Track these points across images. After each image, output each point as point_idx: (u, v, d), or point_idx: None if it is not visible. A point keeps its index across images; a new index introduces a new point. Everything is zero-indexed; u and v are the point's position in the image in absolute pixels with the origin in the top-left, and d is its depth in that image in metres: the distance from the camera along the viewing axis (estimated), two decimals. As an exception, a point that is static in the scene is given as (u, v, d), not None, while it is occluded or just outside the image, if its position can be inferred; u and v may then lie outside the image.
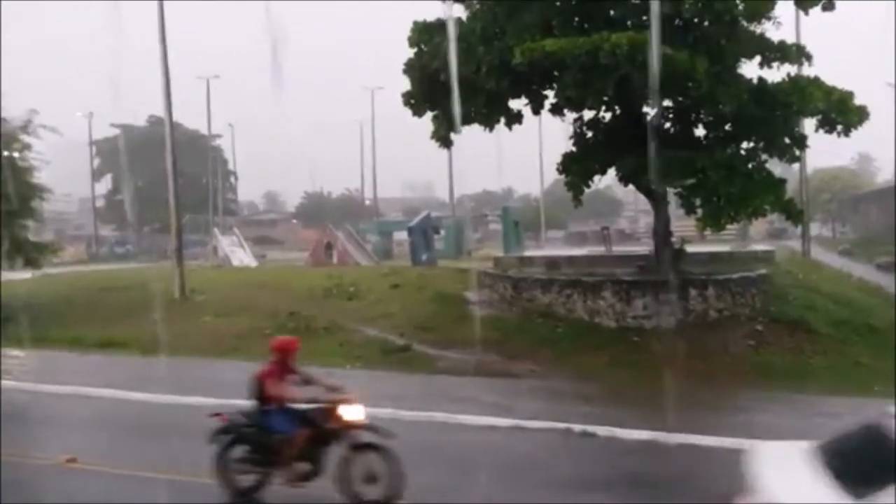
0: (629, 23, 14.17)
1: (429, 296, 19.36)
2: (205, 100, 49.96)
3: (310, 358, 14.36)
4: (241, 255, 39.18)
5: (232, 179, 68.11)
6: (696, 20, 14.82)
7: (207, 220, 49.02)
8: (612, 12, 15.15)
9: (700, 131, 16.58)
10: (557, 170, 17.53)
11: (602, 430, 10.21)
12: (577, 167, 16.54)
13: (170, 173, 22.28)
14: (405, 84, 16.27)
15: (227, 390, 12.22)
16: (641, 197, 19.61)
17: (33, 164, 21.13)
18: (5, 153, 20.17)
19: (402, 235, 38.94)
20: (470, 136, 17.12)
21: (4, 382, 13.69)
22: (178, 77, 22.86)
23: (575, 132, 17.38)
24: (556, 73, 14.81)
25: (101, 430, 11.11)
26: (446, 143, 16.83)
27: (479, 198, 78.16)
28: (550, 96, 16.36)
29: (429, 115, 16.45)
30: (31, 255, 21.17)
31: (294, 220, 74.88)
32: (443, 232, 38.01)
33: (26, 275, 23.23)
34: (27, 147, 20.77)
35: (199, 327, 17.49)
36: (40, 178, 21.50)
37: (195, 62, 50.68)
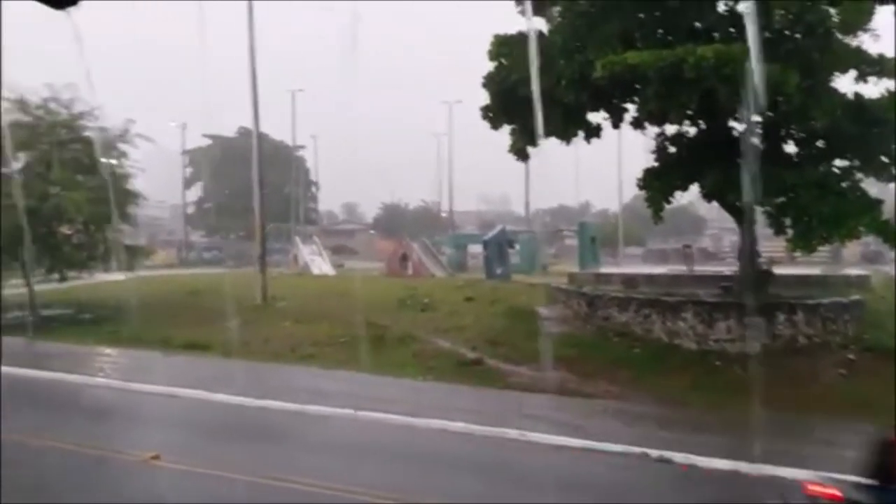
0: (715, 35, 13.77)
1: (502, 310, 19.28)
2: (290, 112, 51.77)
3: (383, 369, 14.65)
4: (320, 264, 40.18)
5: (313, 189, 69.99)
6: (787, 32, 14.23)
7: (289, 229, 50.56)
8: (696, 24, 14.76)
9: (791, 148, 15.88)
10: (637, 185, 17.15)
11: (679, 457, 9.85)
12: (659, 182, 16.13)
13: (255, 183, 23.14)
14: (484, 98, 16.35)
15: (302, 395, 12.57)
16: (726, 215, 18.91)
17: (130, 171, 22.37)
18: (104, 161, 21.45)
19: (476, 248, 39.02)
20: (547, 150, 17.02)
21: (97, 379, 14.49)
22: (265, 90, 23.80)
23: (656, 146, 16.98)
24: (637, 87, 14.53)
25: (183, 428, 11.57)
26: (523, 156, 16.78)
27: (555, 212, 77.37)
28: (631, 110, 16.08)
29: (506, 128, 16.45)
30: (126, 258, 22.33)
31: (371, 231, 76.19)
32: (518, 246, 37.83)
33: (121, 276, 24.55)
34: (124, 155, 21.98)
35: (279, 332, 17.99)
36: (136, 184, 22.76)
37: (282, 76, 52.63)
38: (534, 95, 13.33)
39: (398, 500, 7.97)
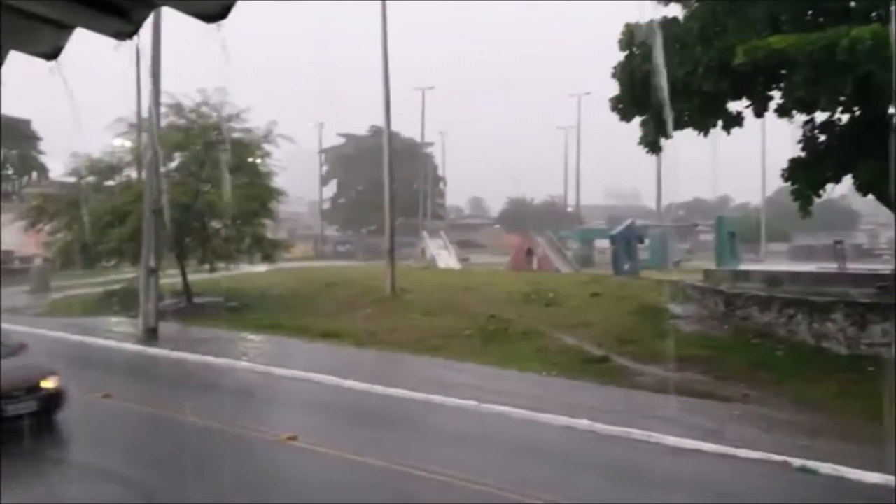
0: (873, 15, 12.59)
1: (630, 307, 18.73)
2: (419, 110, 52.94)
3: (508, 363, 14.68)
4: (446, 258, 40.86)
5: (441, 185, 71.31)
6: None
7: (418, 224, 51.80)
8: (851, 4, 13.57)
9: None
10: (783, 177, 16.07)
11: (825, 468, 9.12)
12: (807, 174, 15.04)
13: (386, 180, 23.89)
14: (613, 89, 15.92)
15: (428, 385, 12.86)
16: (883, 209, 17.26)
17: (272, 169, 23.82)
18: (249, 160, 22.97)
19: (604, 244, 38.12)
20: (681, 142, 16.32)
21: (241, 363, 15.58)
22: (397, 89, 24.47)
23: (804, 136, 15.80)
24: (783, 73, 13.60)
25: (318, 412, 12.20)
26: (655, 148, 16.17)
27: (689, 206, 73.99)
28: (776, 97, 15.05)
29: (637, 120, 15.93)
30: (268, 251, 23.83)
31: (497, 225, 76.47)
32: (648, 241, 36.54)
33: (263, 268, 26.19)
34: (267, 154, 23.43)
35: (407, 324, 18.49)
36: (277, 182, 24.19)
37: (413, 74, 53.87)
38: (667, 85, 12.85)
39: (528, 495, 7.97)
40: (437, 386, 12.85)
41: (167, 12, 1.76)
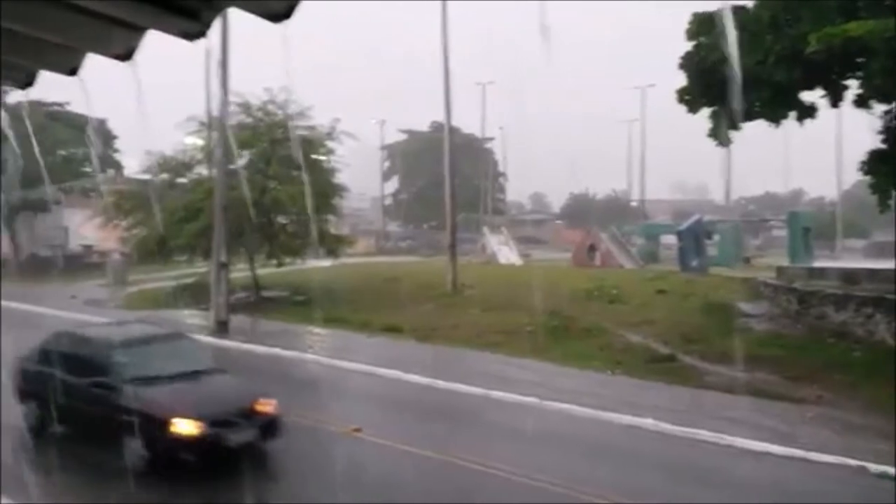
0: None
1: (698, 304, 18.23)
2: (480, 105, 52.85)
3: (569, 360, 14.52)
4: (507, 254, 40.68)
5: (501, 180, 71.02)
6: None
7: (478, 219, 51.78)
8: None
9: None
10: (861, 170, 15.34)
11: (907, 475, 8.68)
12: (887, 167, 14.30)
13: (447, 175, 23.97)
14: (680, 80, 15.52)
15: (489, 381, 12.85)
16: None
17: (336, 166, 24.22)
18: (315, 157, 23.41)
19: (670, 239, 37.18)
20: (752, 134, 15.78)
21: (307, 355, 15.92)
22: (458, 84, 24.51)
23: (885, 126, 15.03)
24: (860, 61, 12.97)
25: (380, 405, 12.36)
26: (724, 140, 15.72)
27: (760, 201, 71.44)
28: (852, 86, 14.37)
29: (705, 111, 15.49)
30: (332, 246, 24.26)
31: (558, 221, 75.68)
32: (716, 237, 35.45)
33: (327, 263, 26.69)
34: (331, 151, 23.82)
35: (467, 319, 18.51)
36: (341, 178, 24.59)
37: (473, 69, 53.81)
38: (737, 75, 12.44)
39: (589, 493, 7.88)
40: (498, 382, 12.83)
41: (234, 12, 1.80)
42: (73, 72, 2.08)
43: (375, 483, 8.47)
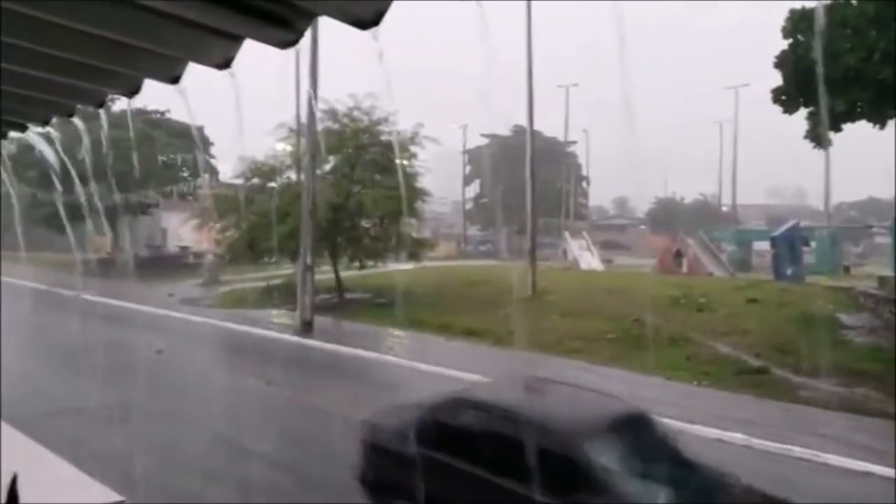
0: None
1: (793, 315, 17.36)
2: (563, 108, 52.31)
3: (653, 369, 14.12)
4: (588, 259, 40.05)
5: (584, 184, 70.02)
6: None
7: (559, 224, 51.22)
8: None
9: None
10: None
11: None
12: None
13: (528, 180, 23.84)
14: (775, 79, 14.86)
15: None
16: None
17: (418, 170, 24.53)
18: (398, 161, 23.79)
19: (763, 246, 35.63)
20: (853, 136, 14.90)
21: (387, 357, 16.17)
22: (539, 86, 24.33)
23: None
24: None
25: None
26: (823, 142, 14.95)
27: (862, 206, 67.43)
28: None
29: (802, 112, 14.77)
30: (413, 249, 24.57)
31: (643, 226, 73.83)
32: (813, 244, 33.71)
33: (408, 266, 27.04)
34: (414, 156, 24.14)
35: (547, 325, 18.32)
36: (423, 182, 24.87)
37: (556, 71, 53.31)
38: (838, 73, 11.82)
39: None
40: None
41: (322, 19, 1.86)
42: (175, 80, 2.20)
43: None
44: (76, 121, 2.90)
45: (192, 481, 8.43)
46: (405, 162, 24.05)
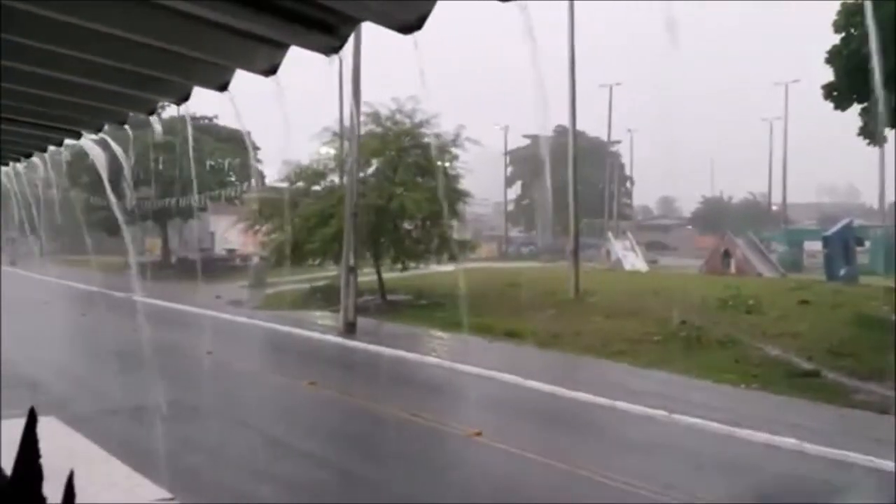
0: None
1: (847, 316, 16.82)
2: (606, 107, 51.73)
3: (701, 372, 13.86)
4: (632, 260, 39.50)
5: (628, 184, 69.14)
6: None
7: (603, 225, 50.65)
8: None
9: None
10: None
11: None
12: None
13: (570, 180, 23.62)
14: (826, 75, 14.45)
15: (613, 391, 12.50)
16: None
17: (460, 172, 24.54)
18: (439, 164, 23.85)
19: (814, 246, 34.66)
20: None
21: (429, 358, 16.22)
22: (582, 86, 24.08)
23: None
24: None
25: (501, 410, 12.35)
26: (879, 139, 14.47)
27: (920, 204, 64.91)
28: None
29: (855, 108, 14.33)
30: (455, 251, 24.57)
31: (689, 226, 72.48)
32: (868, 243, 32.64)
33: (450, 268, 27.10)
34: (455, 158, 24.17)
35: (590, 327, 18.13)
36: (464, 184, 24.87)
37: (599, 71, 52.72)
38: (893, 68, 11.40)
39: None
40: (622, 392, 12.46)
41: (365, 25, 1.88)
42: (223, 87, 2.25)
43: (495, 487, 8.46)
44: (127, 128, 2.99)
45: (237, 476, 8.58)
46: (447, 164, 24.10)
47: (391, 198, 22.47)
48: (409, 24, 1.76)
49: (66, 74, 2.33)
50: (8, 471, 1.95)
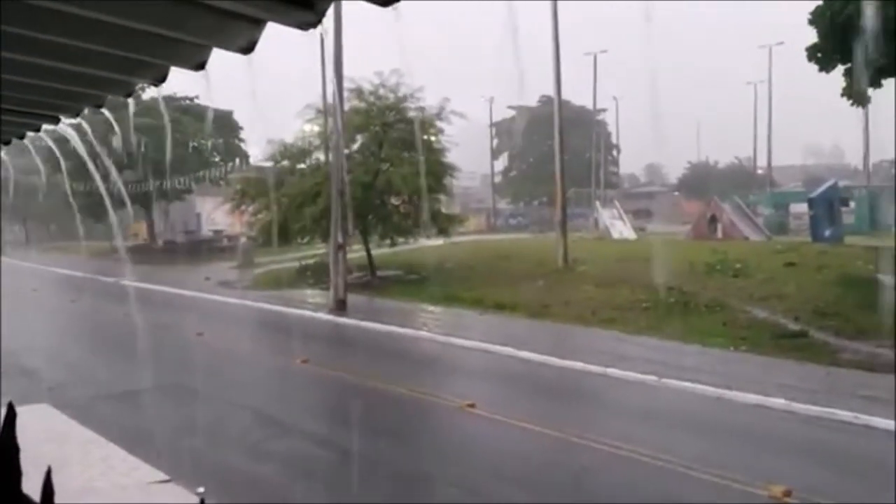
0: None
1: (832, 277, 17.02)
2: (591, 76, 51.44)
3: (689, 337, 14.02)
4: (620, 228, 39.65)
5: (614, 153, 69.04)
6: None
7: (590, 194, 50.70)
8: None
9: None
10: None
11: None
12: None
13: (557, 150, 23.59)
14: (811, 37, 14.42)
15: (604, 358, 12.64)
16: None
17: (445, 146, 24.39)
18: (425, 137, 23.68)
19: (800, 208, 34.92)
20: (893, 91, 14.41)
21: (421, 332, 16.29)
22: (566, 55, 23.93)
23: None
24: None
25: (494, 381, 12.48)
26: (862, 99, 14.52)
27: (904, 163, 65.36)
28: None
29: (839, 69, 14.33)
30: (443, 225, 24.55)
31: (676, 193, 72.67)
32: (853, 204, 32.92)
33: (439, 242, 27.10)
34: (441, 131, 24.00)
35: (580, 296, 18.25)
36: (451, 157, 24.75)
37: (583, 38, 52.37)
38: (876, 27, 11.41)
39: (714, 473, 7.62)
40: (614, 359, 12.60)
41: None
42: (200, 67, 2.22)
43: (490, 457, 8.56)
44: (105, 111, 2.95)
45: (234, 454, 8.64)
46: (433, 137, 23.94)
47: (377, 174, 22.35)
48: (388, -4, 1.74)
49: (41, 59, 2.29)
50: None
